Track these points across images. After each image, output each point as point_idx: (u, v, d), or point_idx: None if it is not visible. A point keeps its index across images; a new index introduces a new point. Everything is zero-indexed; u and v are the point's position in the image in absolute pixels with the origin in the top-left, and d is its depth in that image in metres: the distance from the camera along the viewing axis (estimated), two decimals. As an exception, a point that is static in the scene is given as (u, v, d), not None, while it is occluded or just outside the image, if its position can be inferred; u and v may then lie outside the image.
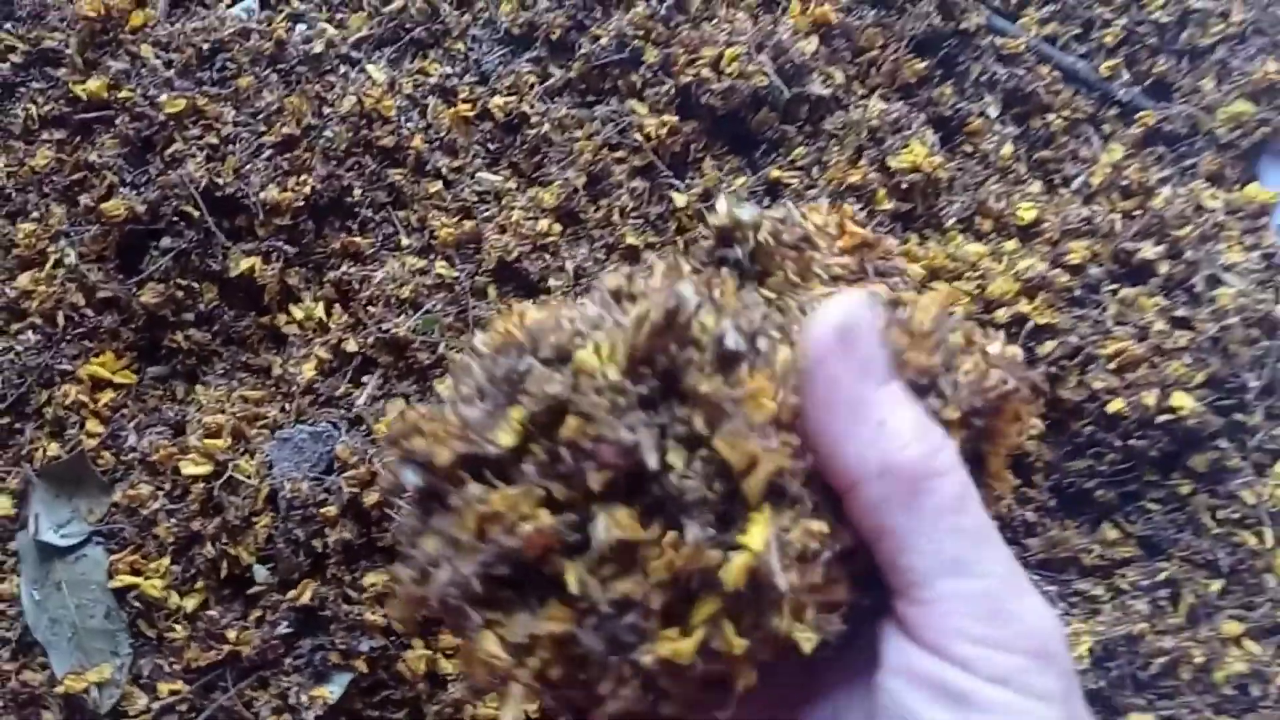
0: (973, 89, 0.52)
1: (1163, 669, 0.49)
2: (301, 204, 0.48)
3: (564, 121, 0.50)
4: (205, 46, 0.49)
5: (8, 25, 0.53)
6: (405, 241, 0.49)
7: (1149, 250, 0.51)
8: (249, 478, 0.46)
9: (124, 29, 0.50)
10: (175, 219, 0.48)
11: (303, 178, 0.48)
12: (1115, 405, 0.48)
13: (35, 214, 0.51)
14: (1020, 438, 0.30)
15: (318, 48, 0.50)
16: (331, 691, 0.46)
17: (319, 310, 0.49)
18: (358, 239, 0.49)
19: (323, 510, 0.45)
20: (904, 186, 0.50)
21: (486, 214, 0.49)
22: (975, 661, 0.26)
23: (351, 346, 0.48)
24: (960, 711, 0.26)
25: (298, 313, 0.49)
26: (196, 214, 0.47)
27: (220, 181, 0.48)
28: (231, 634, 0.45)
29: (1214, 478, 0.50)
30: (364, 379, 0.48)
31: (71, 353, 0.49)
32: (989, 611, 0.26)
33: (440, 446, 0.26)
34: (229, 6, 0.52)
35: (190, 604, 0.46)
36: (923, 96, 0.52)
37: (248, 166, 0.48)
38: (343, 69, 0.50)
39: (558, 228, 0.48)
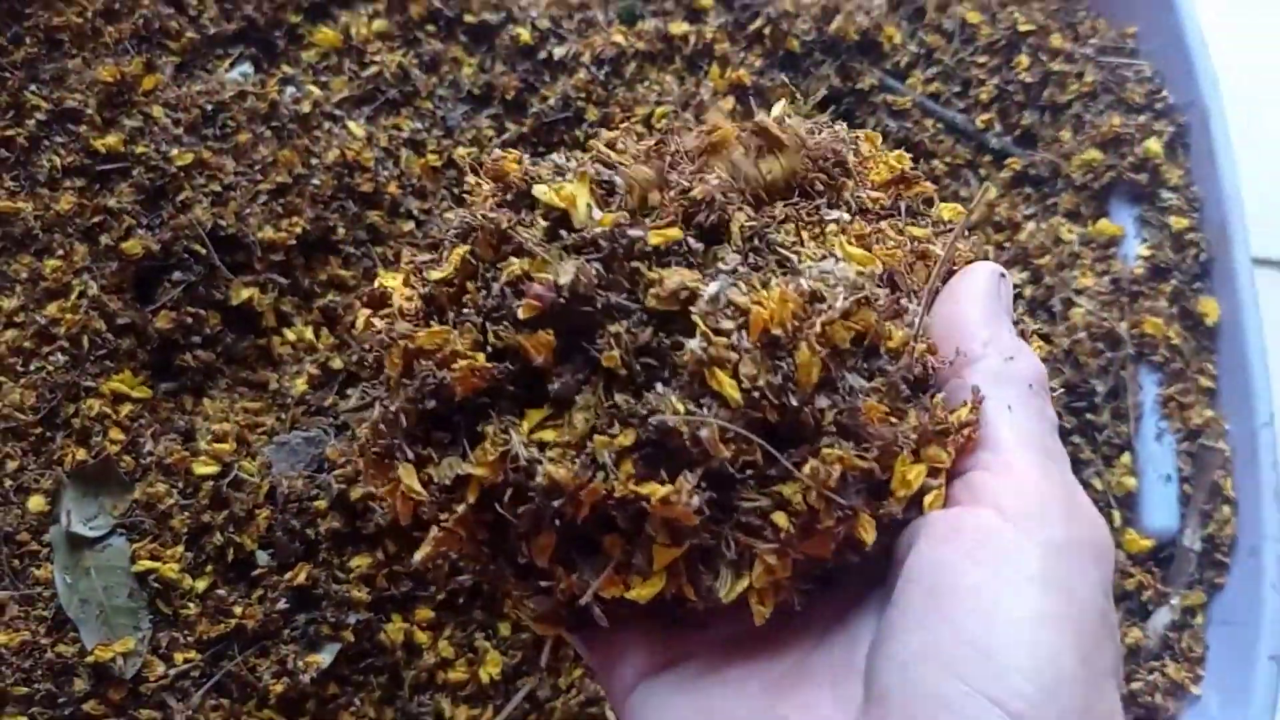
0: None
1: (1028, 630, 0.57)
2: (293, 242, 0.56)
3: (518, 170, 0.58)
4: (209, 107, 0.57)
5: (32, 86, 0.61)
6: (383, 273, 0.57)
7: (1016, 276, 0.59)
8: (251, 476, 0.53)
9: (137, 91, 0.58)
10: (185, 256, 0.55)
11: (294, 219, 0.56)
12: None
13: (60, 252, 0.58)
14: None
15: (305, 107, 0.57)
16: (323, 659, 0.54)
17: (309, 333, 0.56)
18: (342, 271, 0.57)
19: (315, 504, 0.53)
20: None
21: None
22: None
23: (337, 364, 0.56)
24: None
25: (290, 335, 0.56)
26: (204, 251, 0.55)
27: (223, 223, 0.55)
28: (237, 610, 0.53)
29: (1071, 468, 0.58)
30: (348, 391, 0.56)
31: (95, 371, 0.56)
32: (1065, 494, 0.29)
33: (397, 295, 0.29)
34: (227, 71, 0.59)
35: (201, 585, 0.53)
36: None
37: (247, 210, 0.55)
38: (327, 125, 0.58)
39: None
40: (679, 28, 0.58)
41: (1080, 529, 0.28)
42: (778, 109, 0.34)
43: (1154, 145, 0.59)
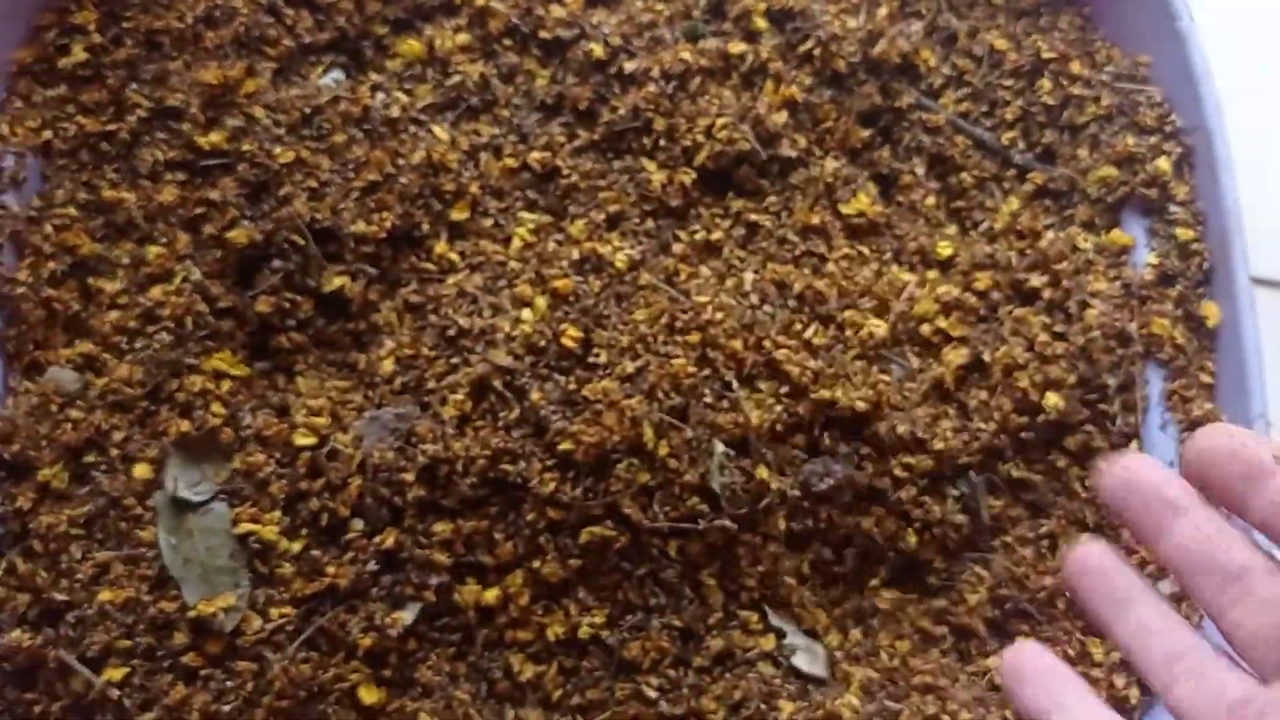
0: (904, 153, 0.66)
1: (1045, 600, 0.63)
2: (383, 235, 0.60)
3: (589, 173, 0.63)
4: (306, 110, 0.62)
5: (133, 85, 0.65)
6: (460, 265, 0.62)
7: (1035, 279, 0.65)
8: (345, 448, 0.58)
9: (238, 93, 0.63)
10: (285, 245, 0.60)
11: (383, 214, 0.61)
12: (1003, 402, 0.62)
13: (163, 240, 0.63)
14: None
15: (394, 112, 0.62)
16: (406, 616, 0.59)
17: (394, 318, 0.62)
18: (426, 264, 0.62)
19: (402, 474, 0.58)
20: (852, 227, 0.65)
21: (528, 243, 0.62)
22: None
23: (422, 349, 0.61)
24: None
25: (378, 320, 0.62)
26: (302, 242, 0.60)
27: (319, 217, 0.60)
28: (330, 570, 0.57)
29: (1083, 455, 0.63)
30: (428, 372, 0.61)
31: (196, 350, 0.61)
32: None
33: None
34: (320, 78, 0.64)
35: (296, 547, 0.58)
36: (866, 158, 0.66)
37: (341, 205, 0.60)
38: (413, 129, 0.63)
39: (595, 278, 0.62)
40: (737, 47, 0.64)
41: None
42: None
43: (1163, 164, 0.65)
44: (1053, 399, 0.61)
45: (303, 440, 0.57)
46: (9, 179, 0.62)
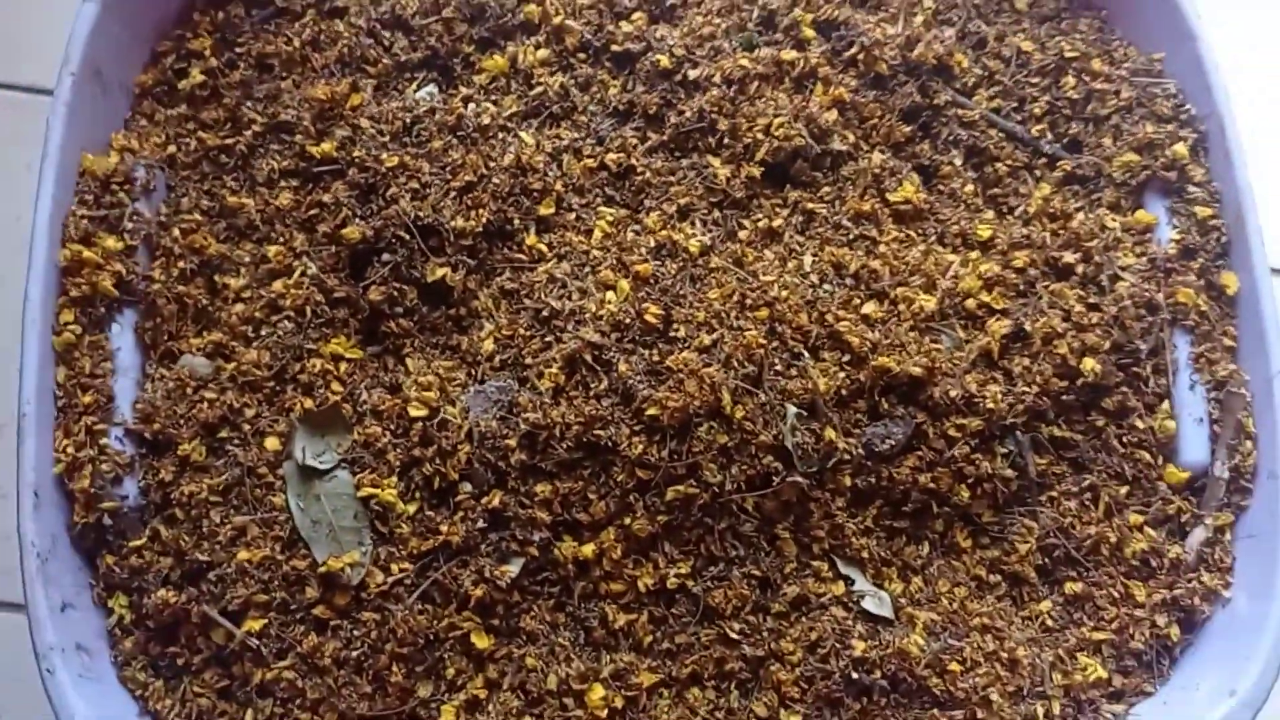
0: (943, 145, 0.73)
1: (1089, 548, 0.69)
2: (479, 229, 0.67)
3: (660, 170, 0.70)
4: (407, 119, 0.69)
5: (248, 103, 0.73)
6: (549, 254, 0.69)
7: (1069, 256, 0.71)
8: (453, 419, 0.65)
9: (345, 107, 0.70)
10: (393, 240, 0.67)
11: (479, 211, 0.68)
12: (1044, 367, 0.69)
13: (281, 240, 0.70)
14: None
15: (485, 120, 0.69)
16: (512, 570, 0.65)
17: (491, 304, 0.69)
18: (518, 254, 0.69)
19: (506, 442, 0.64)
20: (899, 213, 0.72)
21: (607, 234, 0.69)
22: None
23: (518, 329, 0.68)
24: None
25: (476, 305, 0.69)
26: (408, 237, 0.67)
27: (422, 214, 0.67)
28: (443, 528, 0.64)
29: (1119, 414, 0.69)
30: (525, 350, 0.68)
31: (315, 336, 0.68)
32: None
33: None
34: (415, 91, 0.72)
35: (412, 508, 0.64)
36: (909, 151, 0.73)
37: (441, 204, 0.67)
38: (502, 135, 0.70)
39: (670, 262, 0.69)
40: (789, 55, 0.71)
41: None
42: None
43: (1181, 149, 0.71)
44: (1089, 363, 0.67)
45: (415, 412, 0.64)
46: (140, 188, 0.69)
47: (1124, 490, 0.68)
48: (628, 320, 0.64)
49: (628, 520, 0.64)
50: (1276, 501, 0.65)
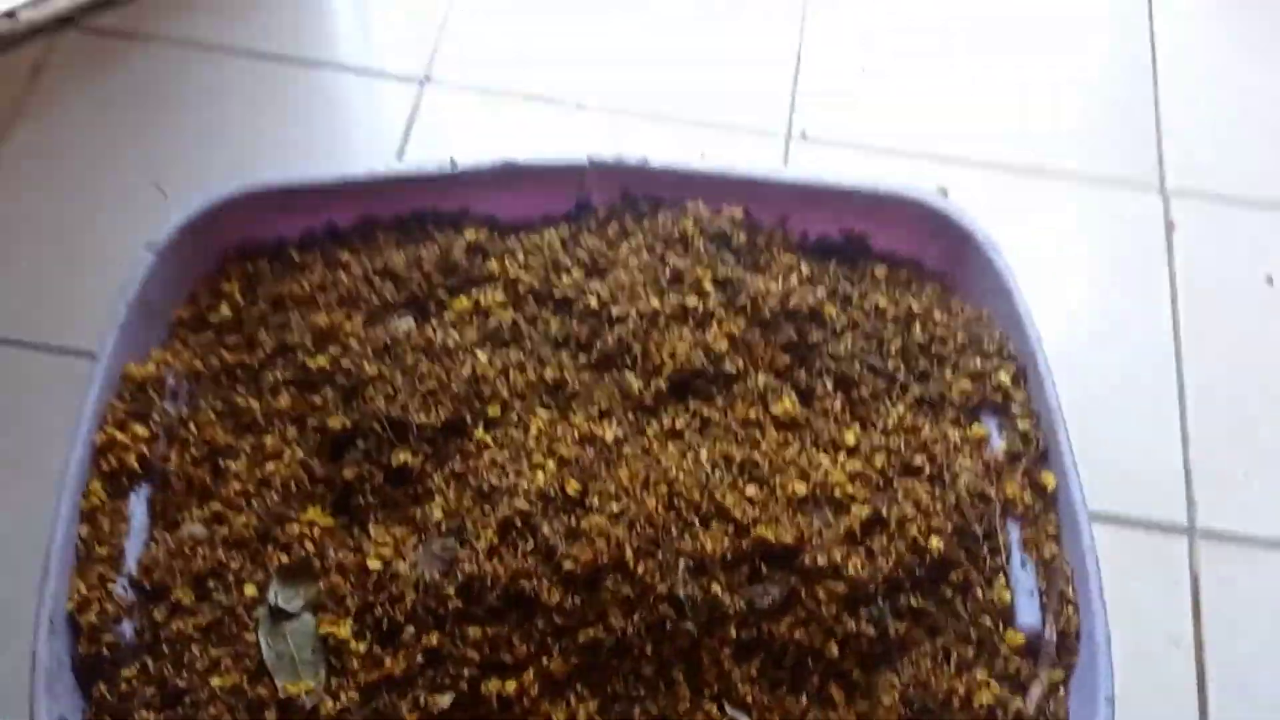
0: (817, 373, 0.90)
1: (944, 701, 0.80)
2: (438, 425, 0.85)
3: (587, 383, 0.88)
4: (388, 341, 0.89)
5: (263, 330, 0.93)
6: (493, 445, 0.86)
7: (919, 459, 0.86)
8: (403, 571, 0.79)
9: (341, 331, 0.90)
10: (367, 431, 0.84)
11: (439, 410, 0.85)
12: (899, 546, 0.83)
13: (277, 432, 0.87)
14: None
15: (450, 344, 0.89)
16: (444, 701, 0.75)
17: (443, 484, 0.85)
18: (468, 445, 0.86)
19: (445, 591, 0.78)
20: (779, 421, 0.89)
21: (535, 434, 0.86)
22: None
23: (463, 503, 0.83)
24: None
25: (430, 485, 0.84)
26: (380, 429, 0.84)
27: (393, 412, 0.85)
28: (388, 663, 0.76)
29: (964, 586, 0.82)
30: (467, 518, 0.83)
31: (297, 506, 0.83)
32: None
33: None
34: (397, 322, 0.92)
35: (363, 646, 0.76)
36: (788, 375, 0.90)
37: (409, 404, 0.85)
38: (462, 354, 0.88)
39: (590, 450, 0.86)
40: (691, 301, 0.91)
41: None
42: None
43: (1005, 378, 0.90)
44: (935, 543, 0.82)
45: (372, 565, 0.78)
46: (170, 392, 0.87)
47: (971, 651, 0.81)
48: (552, 493, 0.80)
49: (546, 661, 0.76)
50: (1095, 659, 0.78)
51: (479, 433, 0.85)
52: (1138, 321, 1.25)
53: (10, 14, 1.47)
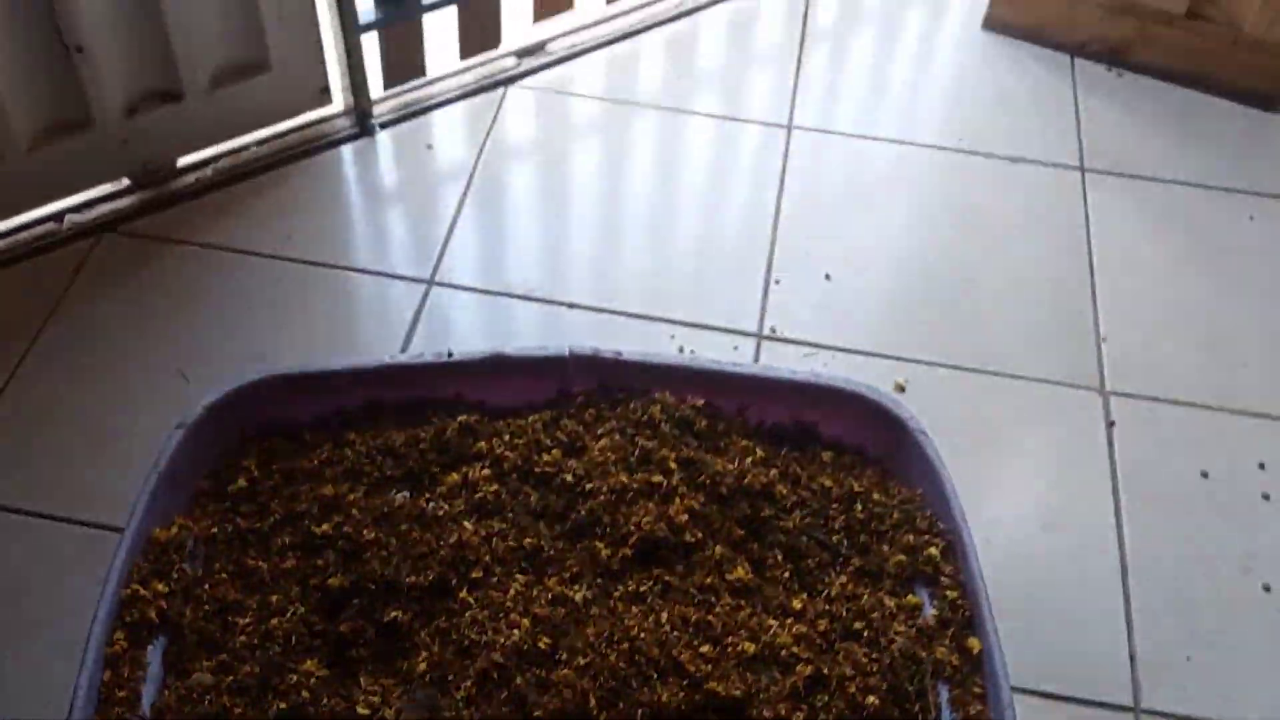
0: (769, 545, 1.01)
1: None
2: (427, 586, 0.96)
3: (561, 550, 1.00)
4: (385, 510, 1.00)
5: (274, 501, 1.05)
6: (475, 605, 0.97)
7: (858, 624, 0.97)
8: (389, 717, 0.88)
9: (344, 501, 1.02)
10: (363, 590, 0.95)
11: (428, 573, 0.96)
12: (839, 701, 0.92)
13: (282, 590, 0.98)
14: None
15: (440, 514, 1.01)
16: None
17: (428, 639, 0.94)
18: (453, 605, 0.96)
19: (426, 735, 0.87)
20: (734, 588, 1.00)
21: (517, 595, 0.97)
22: None
23: (446, 657, 0.93)
24: None
25: (417, 640, 0.94)
26: (374, 588, 0.95)
27: (387, 573, 0.96)
28: (371, 801, 0.85)
29: None
30: (449, 670, 0.92)
31: (296, 657, 0.93)
32: None
33: None
34: (394, 494, 1.04)
35: None
36: (743, 547, 1.01)
37: (401, 567, 0.97)
38: (450, 524, 1.00)
39: (561, 610, 0.97)
40: (656, 478, 1.04)
41: None
42: None
43: (934, 552, 1.01)
44: (872, 700, 0.91)
45: (361, 711, 0.88)
46: (188, 554, 0.99)
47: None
48: (525, 648, 0.90)
49: (515, 800, 0.85)
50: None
51: (463, 593, 0.95)
52: (1084, 511, 1.37)
53: (59, 217, 1.66)
